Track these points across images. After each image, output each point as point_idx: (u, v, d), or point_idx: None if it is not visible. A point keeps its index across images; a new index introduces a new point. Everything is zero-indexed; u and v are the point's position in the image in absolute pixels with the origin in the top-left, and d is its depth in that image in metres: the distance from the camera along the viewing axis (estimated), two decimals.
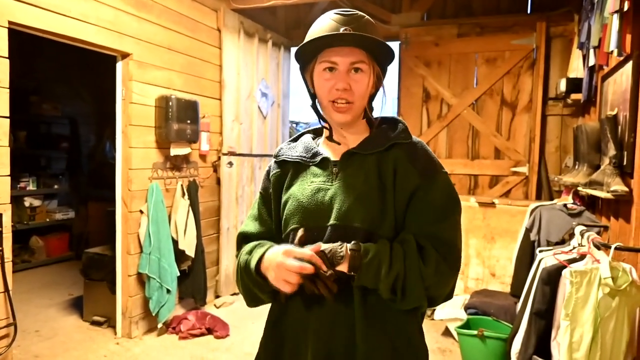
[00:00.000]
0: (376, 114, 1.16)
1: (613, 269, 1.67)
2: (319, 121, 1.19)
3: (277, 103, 4.80)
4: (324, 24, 1.06)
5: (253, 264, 1.06)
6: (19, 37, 2.64)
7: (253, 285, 1.08)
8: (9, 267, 2.44)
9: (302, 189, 1.09)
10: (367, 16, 1.08)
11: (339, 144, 1.13)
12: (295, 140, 1.22)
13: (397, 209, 1.04)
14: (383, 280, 0.97)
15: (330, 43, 1.04)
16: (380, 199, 1.03)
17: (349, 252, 0.98)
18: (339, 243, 0.99)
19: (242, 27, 4.17)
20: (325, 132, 1.16)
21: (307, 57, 1.10)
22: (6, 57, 2.38)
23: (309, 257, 0.97)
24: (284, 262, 0.97)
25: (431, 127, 4.52)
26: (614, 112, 2.29)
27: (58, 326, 3.49)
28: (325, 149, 1.15)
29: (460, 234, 1.07)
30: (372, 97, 1.12)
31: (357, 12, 1.07)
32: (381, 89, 1.12)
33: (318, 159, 1.11)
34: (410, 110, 4.57)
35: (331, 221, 1.03)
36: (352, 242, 0.99)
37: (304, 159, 1.13)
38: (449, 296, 1.08)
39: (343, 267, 0.98)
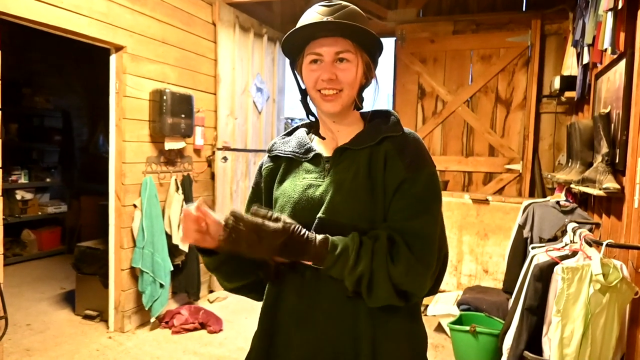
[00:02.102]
0: (369, 105, 1.14)
1: (604, 266, 1.68)
2: (307, 116, 1.18)
3: (272, 98, 4.79)
4: (309, 17, 1.05)
5: None
6: (11, 29, 2.61)
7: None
8: None
9: (293, 185, 1.09)
10: (352, 5, 1.06)
11: (323, 138, 1.13)
12: (290, 134, 1.20)
13: (386, 202, 1.03)
14: (346, 277, 0.96)
15: (314, 34, 1.03)
16: (369, 195, 1.02)
17: (313, 243, 0.95)
18: (304, 231, 0.96)
19: (238, 22, 4.15)
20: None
21: (295, 51, 1.09)
22: None
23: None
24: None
25: (426, 124, 4.53)
26: (607, 110, 2.30)
27: (50, 320, 3.47)
28: (319, 145, 1.14)
29: (440, 230, 1.04)
30: (362, 88, 1.10)
31: (342, 2, 1.06)
32: (373, 79, 1.11)
33: (310, 155, 1.10)
34: (406, 107, 4.57)
35: (319, 214, 1.02)
36: (322, 235, 0.97)
37: (296, 154, 1.12)
38: (432, 291, 1.06)
39: (307, 259, 0.97)
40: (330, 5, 1.05)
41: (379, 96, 1.14)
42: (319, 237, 0.97)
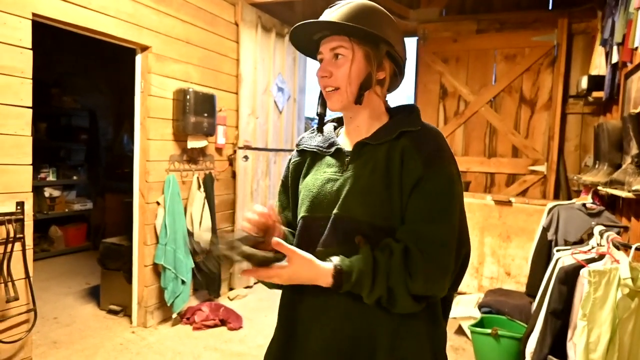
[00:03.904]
0: (391, 97, 1.16)
1: (633, 270, 1.63)
2: (317, 111, 1.18)
3: (293, 98, 4.81)
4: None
5: None
6: (41, 30, 2.69)
7: None
8: (30, 254, 2.50)
9: (314, 180, 1.10)
10: (358, 2, 1.06)
11: (335, 136, 1.15)
12: (319, 129, 1.22)
13: (404, 201, 1.01)
14: (366, 299, 0.98)
15: (317, 37, 1.08)
16: (386, 191, 1.01)
17: (322, 272, 0.97)
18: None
19: (260, 22, 4.18)
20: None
21: (315, 54, 1.13)
22: (30, 49, 2.43)
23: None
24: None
25: (448, 124, 4.48)
26: (638, 110, 2.24)
27: (76, 314, 3.56)
28: (344, 139, 1.15)
29: (461, 227, 1.01)
30: (368, 82, 1.05)
31: (347, 0, 1.06)
32: (386, 69, 1.07)
33: (333, 149, 1.11)
34: (427, 107, 4.53)
35: (334, 211, 1.03)
36: (333, 261, 0.97)
37: (320, 149, 1.14)
38: (452, 288, 1.05)
39: (326, 284, 0.98)
40: (334, 5, 1.08)
41: (399, 84, 1.14)
42: (329, 265, 0.97)
